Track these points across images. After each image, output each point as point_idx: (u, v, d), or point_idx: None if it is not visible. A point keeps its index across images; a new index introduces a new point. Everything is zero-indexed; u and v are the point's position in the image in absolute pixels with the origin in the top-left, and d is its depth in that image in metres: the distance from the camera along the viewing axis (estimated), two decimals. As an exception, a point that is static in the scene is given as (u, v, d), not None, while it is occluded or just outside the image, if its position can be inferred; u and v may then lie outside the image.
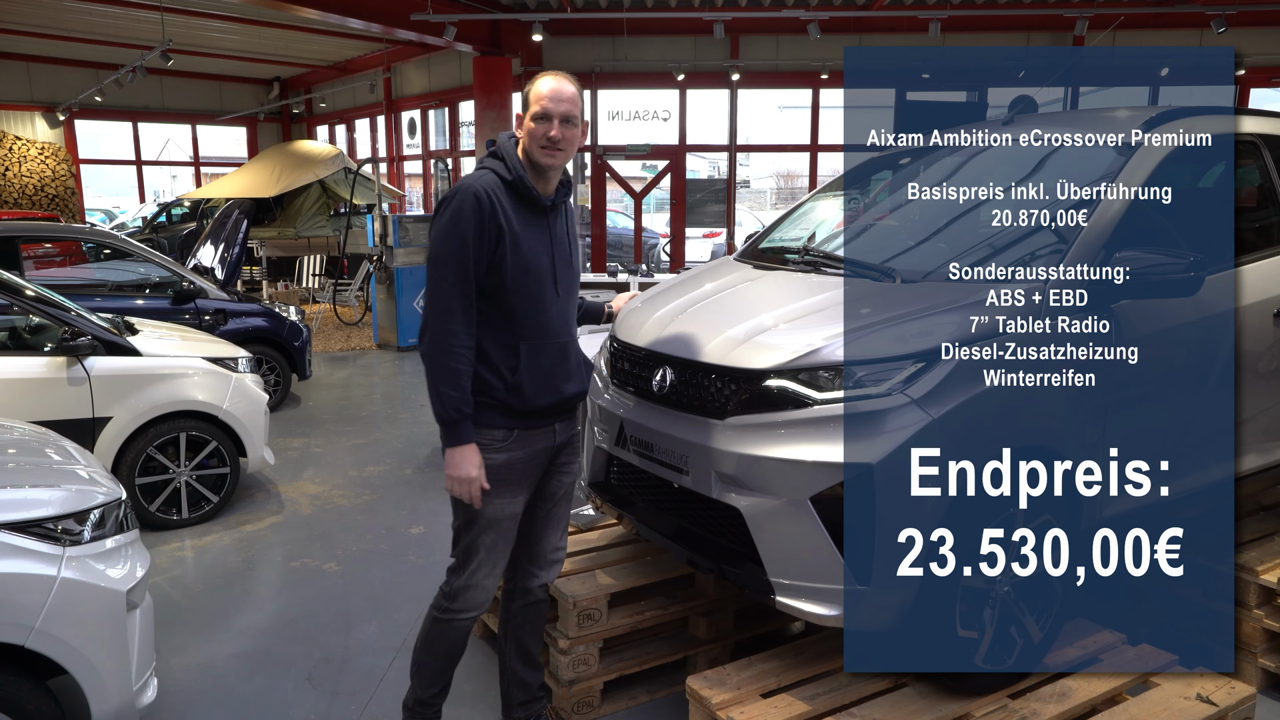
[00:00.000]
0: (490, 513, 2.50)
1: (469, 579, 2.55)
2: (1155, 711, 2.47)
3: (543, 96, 2.37)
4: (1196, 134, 3.09)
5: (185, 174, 19.97)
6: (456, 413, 2.37)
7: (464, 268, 2.33)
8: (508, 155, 2.42)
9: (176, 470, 4.86)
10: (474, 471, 2.41)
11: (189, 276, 7.12)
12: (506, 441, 2.47)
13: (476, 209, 2.33)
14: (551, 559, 2.72)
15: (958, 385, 2.38)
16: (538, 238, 2.43)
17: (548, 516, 2.69)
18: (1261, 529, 3.55)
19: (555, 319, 2.48)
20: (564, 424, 2.61)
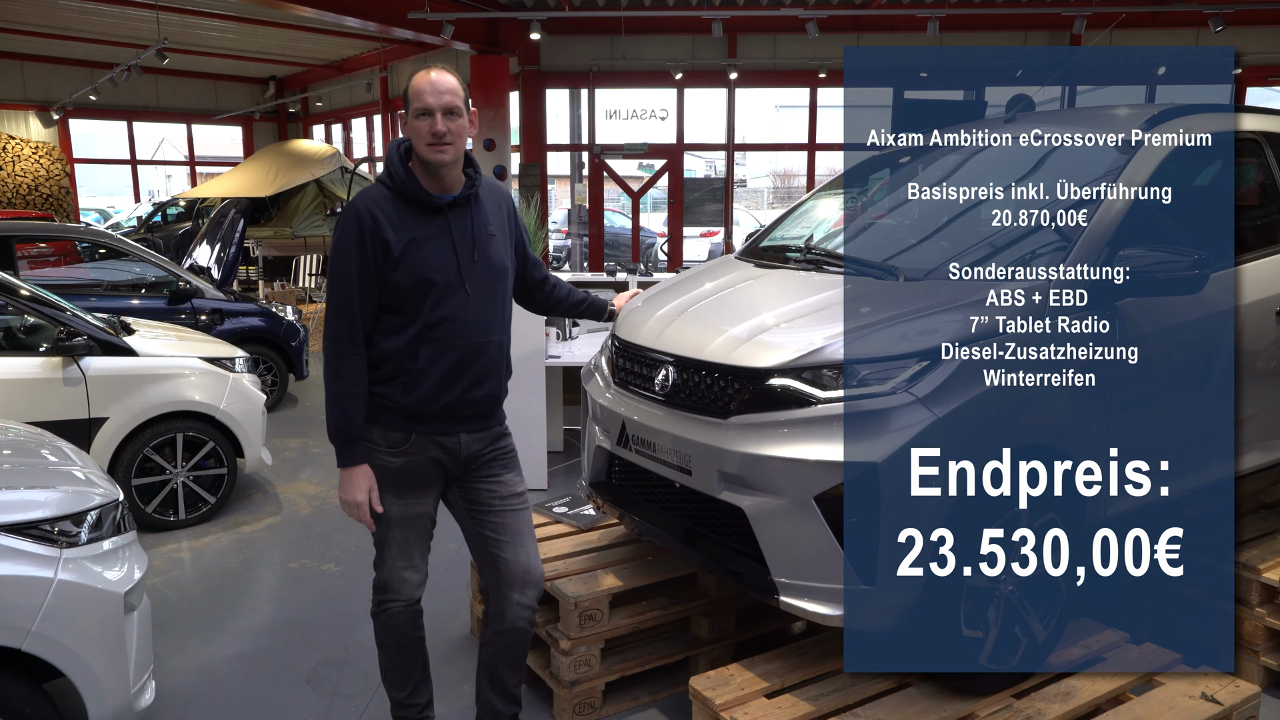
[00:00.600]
0: (396, 512, 2.49)
1: (388, 571, 2.55)
2: (1160, 711, 2.46)
3: (421, 92, 2.31)
4: (1198, 132, 3.08)
5: (180, 173, 19.92)
6: (343, 435, 2.39)
7: (349, 292, 2.33)
8: (390, 162, 2.39)
9: (173, 471, 4.83)
10: (360, 496, 2.41)
11: (185, 276, 7.09)
12: (405, 445, 2.44)
13: (358, 232, 2.32)
14: (524, 578, 2.53)
15: (962, 384, 2.37)
16: (436, 240, 2.38)
17: (495, 530, 2.55)
18: (1263, 527, 3.54)
19: (464, 320, 2.41)
20: (473, 435, 2.51)
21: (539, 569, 2.57)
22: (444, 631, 3.68)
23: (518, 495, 2.60)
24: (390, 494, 2.48)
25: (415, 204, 2.37)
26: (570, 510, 3.76)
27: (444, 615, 3.82)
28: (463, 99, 2.37)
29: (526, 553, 2.56)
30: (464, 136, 2.38)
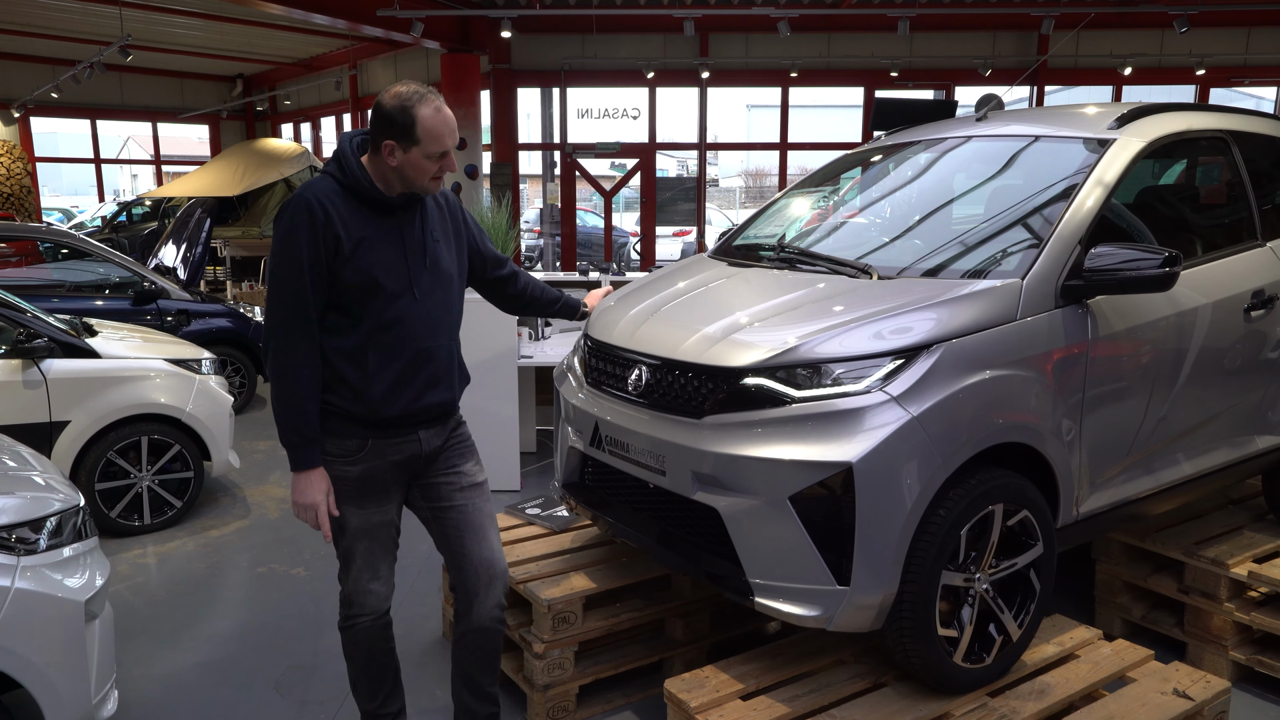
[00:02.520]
0: (357, 523, 2.41)
1: (353, 585, 2.48)
2: (1133, 707, 2.47)
3: (439, 135, 2.25)
4: (1166, 130, 3.11)
5: (146, 172, 19.61)
6: (298, 436, 2.28)
7: (300, 286, 2.22)
8: (345, 159, 2.30)
9: (138, 475, 4.74)
10: (318, 497, 2.31)
11: (150, 276, 6.97)
12: (361, 453, 2.36)
13: (309, 223, 2.21)
14: (489, 572, 2.47)
15: (936, 382, 2.36)
16: (386, 241, 2.30)
17: (456, 524, 2.48)
18: (1231, 523, 3.58)
19: (413, 324, 2.33)
20: (432, 431, 2.45)
21: (502, 562, 2.51)
22: (416, 635, 3.63)
23: (476, 486, 2.53)
24: (350, 504, 2.39)
25: (366, 202, 2.30)
26: (543, 512, 3.72)
27: (416, 619, 3.77)
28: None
29: (489, 546, 2.49)
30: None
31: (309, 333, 2.26)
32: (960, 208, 3.21)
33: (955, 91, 13.29)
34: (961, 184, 3.34)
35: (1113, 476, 2.86)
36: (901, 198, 3.49)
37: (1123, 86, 13.10)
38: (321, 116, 18.38)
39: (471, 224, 2.63)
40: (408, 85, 2.27)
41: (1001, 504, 2.47)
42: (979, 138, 3.38)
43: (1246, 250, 3.26)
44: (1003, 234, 2.87)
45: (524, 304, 2.87)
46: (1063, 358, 2.62)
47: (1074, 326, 2.65)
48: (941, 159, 3.45)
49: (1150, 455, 2.98)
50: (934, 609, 2.39)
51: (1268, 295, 3.21)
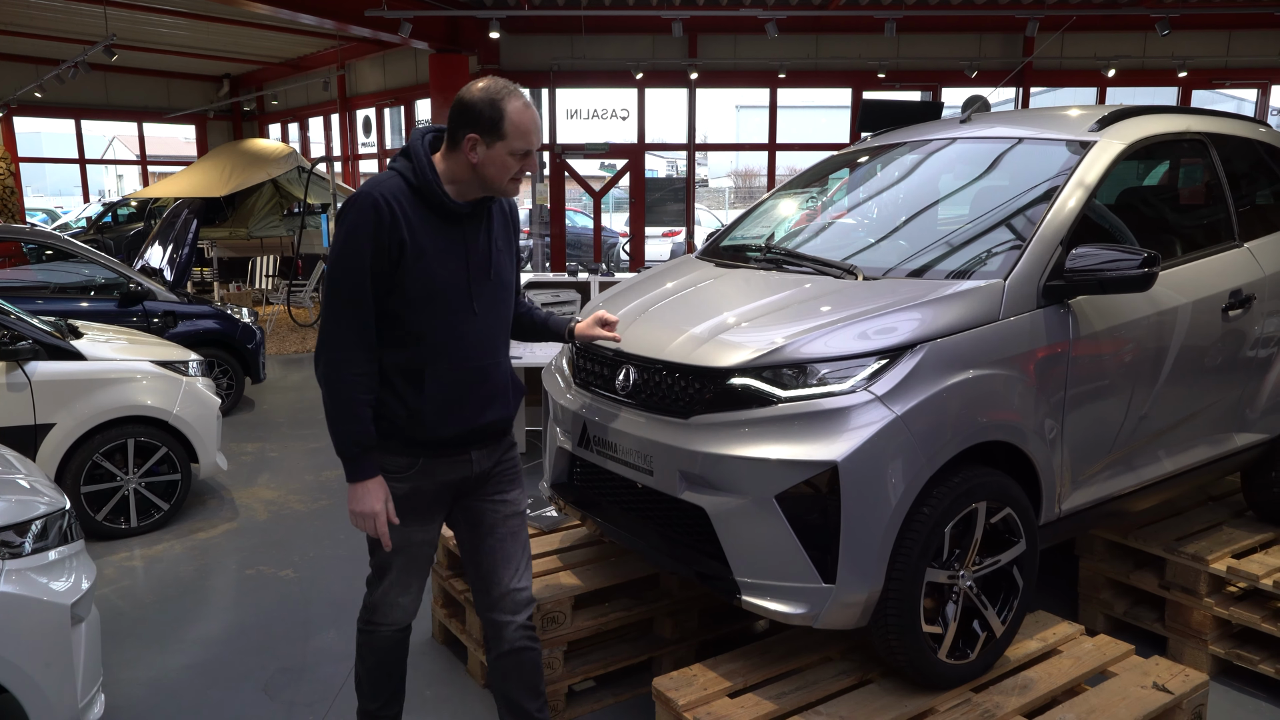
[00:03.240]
0: (397, 540, 2.32)
1: (383, 596, 2.42)
2: (1114, 701, 2.50)
3: (526, 131, 2.13)
4: (1146, 132, 3.15)
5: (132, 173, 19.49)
6: (356, 446, 2.16)
7: (359, 289, 2.09)
8: (416, 157, 2.17)
9: (124, 478, 4.72)
10: (377, 506, 2.19)
11: (136, 278, 6.94)
12: (410, 471, 2.26)
13: (375, 224, 2.07)
14: (514, 600, 2.40)
15: (920, 381, 2.39)
16: (449, 250, 2.17)
17: (493, 552, 2.40)
18: (1211, 519, 3.63)
19: (471, 340, 2.22)
20: (484, 452, 2.34)
21: (528, 590, 2.43)
22: (405, 637, 3.64)
23: (519, 515, 2.45)
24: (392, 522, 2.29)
25: (434, 207, 2.16)
26: (532, 512, 3.73)
27: (405, 620, 3.78)
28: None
29: (520, 578, 2.42)
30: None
31: (366, 339, 2.13)
32: (945, 209, 3.25)
33: (942, 93, 13.37)
34: (946, 185, 3.37)
35: (1094, 474, 2.90)
36: (887, 199, 3.52)
37: (1106, 88, 13.20)
38: (309, 117, 18.32)
39: (518, 239, 2.52)
40: (494, 80, 2.16)
41: (984, 502, 2.50)
42: (964, 139, 3.41)
43: (1224, 251, 3.31)
44: (986, 235, 2.90)
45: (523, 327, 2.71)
46: (1044, 357, 2.65)
47: (1055, 326, 2.68)
48: (927, 160, 3.48)
49: (1131, 453, 3.01)
50: (918, 606, 2.41)
51: (1245, 295, 3.25)
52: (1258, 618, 3.09)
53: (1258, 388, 3.39)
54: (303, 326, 11.88)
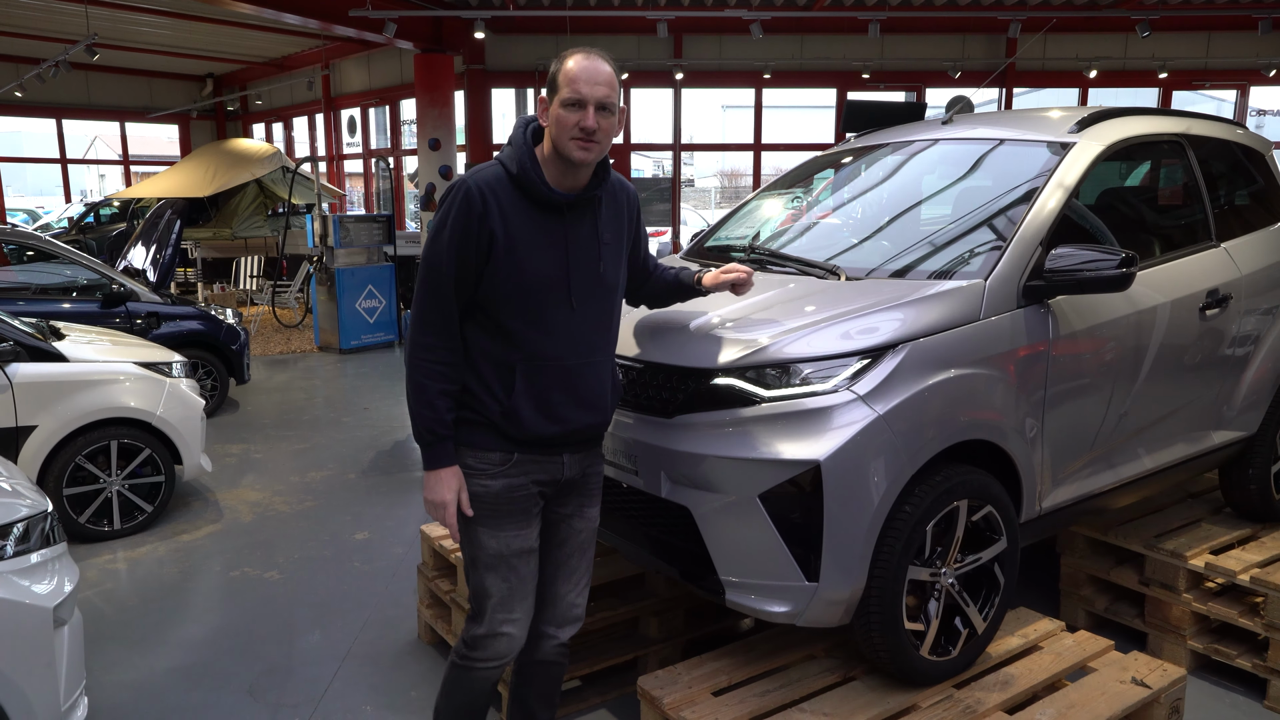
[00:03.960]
0: (494, 548, 2.17)
1: (488, 626, 2.21)
2: (1093, 696, 2.53)
3: (575, 78, 2.01)
4: (1125, 134, 3.19)
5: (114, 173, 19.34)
6: (431, 434, 2.09)
7: (445, 275, 2.04)
8: (516, 144, 2.10)
9: (107, 480, 4.69)
10: (448, 495, 2.11)
11: (119, 279, 6.90)
12: (505, 466, 2.14)
13: (465, 213, 2.02)
14: (565, 615, 2.34)
15: (902, 380, 2.41)
16: (547, 242, 2.07)
17: (557, 564, 2.31)
18: (1189, 515, 3.67)
19: (568, 337, 2.11)
20: (576, 456, 2.23)
21: (582, 608, 2.38)
22: (391, 637, 3.64)
23: (591, 531, 2.36)
24: (486, 526, 2.17)
25: (533, 197, 2.08)
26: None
27: (392, 620, 3.78)
28: (617, 93, 2.07)
29: (578, 594, 2.35)
30: (611, 137, 2.08)
31: (448, 328, 2.08)
32: (927, 209, 3.27)
33: (926, 93, 13.45)
34: (928, 186, 3.39)
35: (1074, 472, 2.93)
36: (870, 200, 3.55)
37: (1089, 89, 13.31)
38: (294, 116, 18.24)
39: (640, 222, 2.42)
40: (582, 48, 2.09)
41: (966, 500, 2.52)
42: (946, 140, 3.44)
43: (1201, 251, 3.35)
44: (967, 235, 2.92)
45: (655, 294, 2.61)
46: (1025, 356, 2.68)
47: (1035, 326, 2.71)
48: (909, 161, 3.51)
49: (1110, 451, 3.05)
50: (900, 603, 2.43)
51: (1222, 295, 3.29)
52: (1235, 613, 3.13)
53: (1234, 386, 3.43)
54: (287, 327, 11.83)
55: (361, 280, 10.25)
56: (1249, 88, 13.51)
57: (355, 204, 17.57)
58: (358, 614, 3.84)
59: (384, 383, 8.66)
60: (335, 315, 10.16)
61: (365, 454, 6.27)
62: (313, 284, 10.65)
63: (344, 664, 3.42)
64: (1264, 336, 3.49)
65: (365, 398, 8.02)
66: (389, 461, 6.09)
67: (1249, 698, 3.12)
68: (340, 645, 3.57)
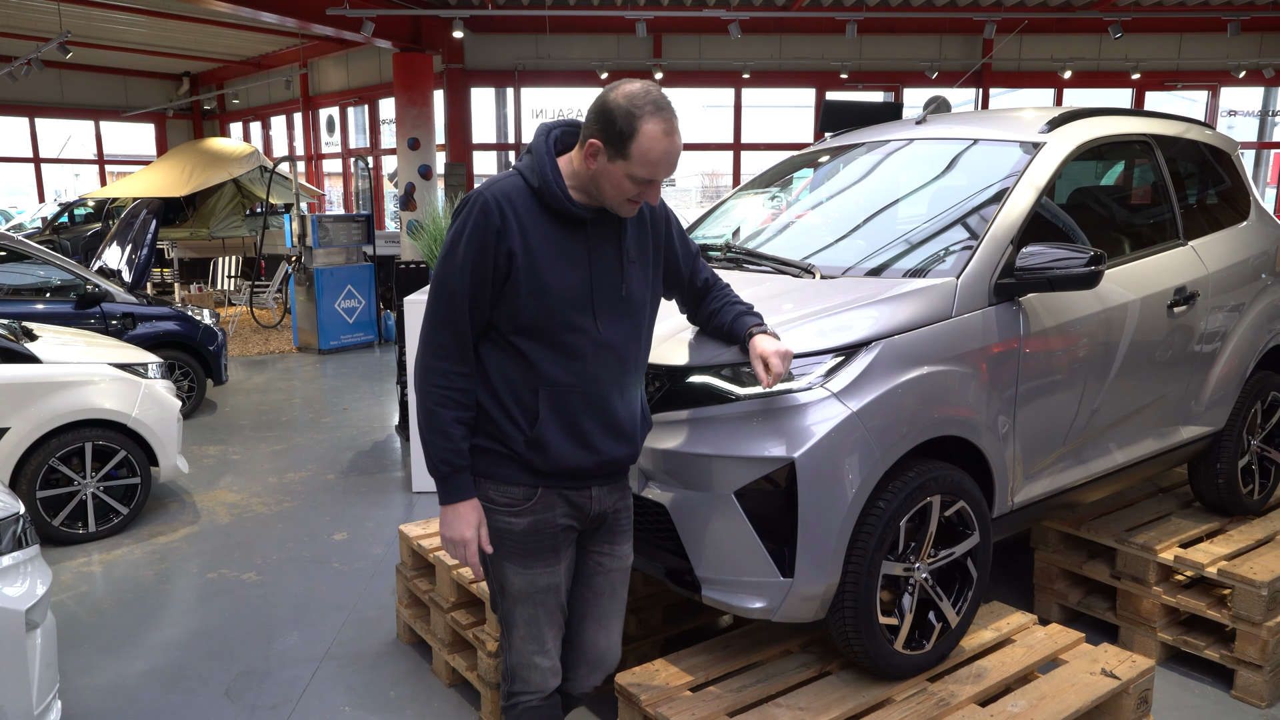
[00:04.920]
0: (521, 585, 2.09)
1: (517, 657, 2.15)
2: (1064, 688, 2.57)
3: (656, 163, 1.87)
4: (1094, 134, 3.23)
5: (89, 172, 19.11)
6: (446, 465, 1.97)
7: (460, 295, 1.92)
8: (537, 156, 1.96)
9: (82, 482, 4.65)
10: (468, 532, 2.00)
11: (94, 279, 6.83)
12: (530, 502, 2.04)
13: (482, 227, 1.90)
14: (595, 661, 2.25)
15: (876, 378, 2.43)
16: (569, 259, 1.95)
17: (584, 603, 2.21)
18: (1159, 510, 3.73)
19: (596, 361, 1.99)
20: (604, 489, 2.12)
21: (616, 654, 2.28)
22: (371, 637, 3.63)
23: (623, 570, 2.25)
24: (513, 562, 2.08)
25: (554, 212, 1.95)
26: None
27: (370, 621, 3.77)
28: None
29: (608, 636, 2.25)
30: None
31: (463, 351, 1.96)
32: (901, 208, 3.30)
33: (903, 93, 13.54)
34: (903, 185, 3.43)
35: (1046, 467, 2.97)
36: (845, 199, 3.58)
37: (1063, 89, 13.46)
38: (272, 115, 18.12)
39: (678, 235, 2.27)
40: (646, 87, 1.88)
41: (939, 495, 2.55)
42: (921, 140, 3.47)
43: (1169, 249, 3.40)
44: (941, 234, 2.95)
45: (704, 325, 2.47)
46: (996, 353, 2.71)
47: (1007, 323, 2.74)
48: (885, 161, 3.54)
49: (1081, 446, 3.09)
50: (875, 598, 2.46)
51: (1189, 292, 3.35)
52: (1203, 605, 3.19)
53: (1202, 382, 3.49)
54: (265, 328, 11.75)
55: (340, 280, 10.21)
56: (1220, 89, 13.71)
57: (334, 204, 17.47)
58: (336, 615, 3.83)
59: (363, 383, 8.62)
60: (314, 315, 10.10)
61: (344, 455, 6.24)
62: (291, 284, 10.59)
63: (322, 665, 3.42)
64: (1230, 333, 3.56)
65: (344, 398, 7.98)
66: (368, 462, 6.07)
67: (1217, 687, 3.17)
68: (318, 646, 3.56)
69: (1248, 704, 3.07)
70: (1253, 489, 3.73)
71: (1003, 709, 2.47)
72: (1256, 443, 3.77)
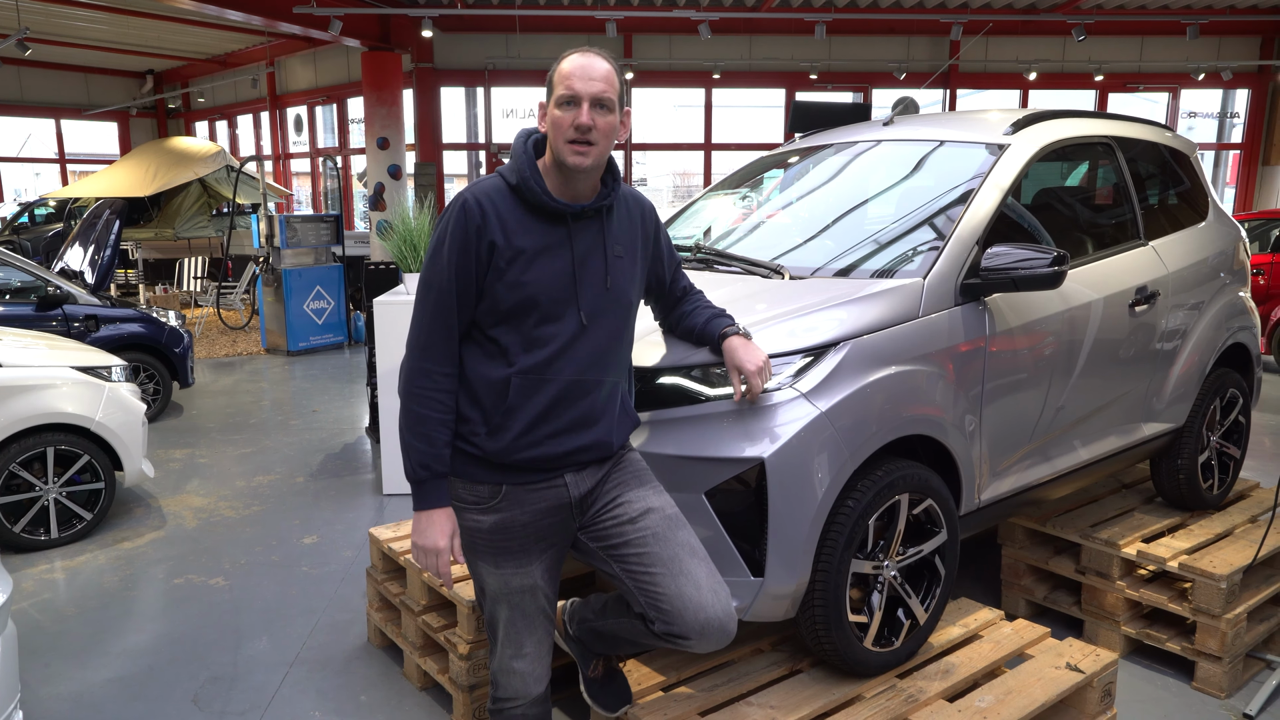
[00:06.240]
0: (494, 585, 2.07)
1: (497, 662, 2.14)
2: (1030, 682, 2.61)
3: (569, 75, 1.91)
4: (1058, 136, 3.28)
5: (51, 171, 18.76)
6: (424, 470, 1.97)
7: (448, 292, 1.94)
8: (516, 155, 2.01)
9: (44, 487, 4.57)
10: (441, 541, 1.98)
11: (55, 281, 6.71)
12: (494, 501, 2.02)
13: (463, 226, 1.92)
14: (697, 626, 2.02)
15: (844, 378, 2.45)
16: (552, 254, 1.96)
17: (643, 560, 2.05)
18: (1123, 505, 3.80)
19: (576, 355, 1.99)
20: (582, 474, 2.08)
21: (715, 607, 2.03)
22: (341, 642, 3.60)
23: (651, 511, 2.09)
24: (485, 562, 2.07)
25: (535, 208, 1.98)
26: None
27: (340, 625, 3.74)
28: (618, 91, 1.96)
29: (694, 584, 2.03)
30: (611, 138, 1.97)
31: (448, 353, 1.97)
32: (869, 209, 3.34)
33: (872, 93, 13.66)
34: (871, 186, 3.46)
35: (1012, 465, 3.01)
36: (813, 200, 3.60)
37: (1029, 90, 13.64)
38: (238, 114, 17.89)
39: (665, 243, 2.31)
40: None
41: (907, 494, 2.58)
42: (888, 142, 3.51)
43: (1130, 249, 3.47)
44: (908, 235, 2.99)
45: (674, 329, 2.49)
46: (962, 353, 2.75)
47: (973, 323, 2.78)
48: (853, 162, 3.57)
49: (1047, 444, 3.14)
50: (844, 596, 2.48)
51: (1150, 291, 3.41)
52: (1165, 598, 3.25)
53: (1164, 380, 3.56)
54: (233, 329, 11.60)
55: (309, 281, 10.10)
56: (1180, 90, 13.97)
57: (303, 204, 17.29)
58: (306, 619, 3.79)
59: (333, 385, 8.54)
60: (282, 317, 9.99)
61: (314, 457, 6.18)
62: (259, 285, 10.46)
63: (292, 670, 3.38)
64: (1190, 331, 3.63)
65: (314, 400, 7.90)
66: (338, 464, 6.01)
67: (1178, 679, 3.24)
68: (288, 651, 3.52)
69: (1208, 694, 3.14)
70: (1212, 484, 3.81)
71: (970, 704, 2.51)
72: (1216, 439, 3.85)
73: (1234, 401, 3.92)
